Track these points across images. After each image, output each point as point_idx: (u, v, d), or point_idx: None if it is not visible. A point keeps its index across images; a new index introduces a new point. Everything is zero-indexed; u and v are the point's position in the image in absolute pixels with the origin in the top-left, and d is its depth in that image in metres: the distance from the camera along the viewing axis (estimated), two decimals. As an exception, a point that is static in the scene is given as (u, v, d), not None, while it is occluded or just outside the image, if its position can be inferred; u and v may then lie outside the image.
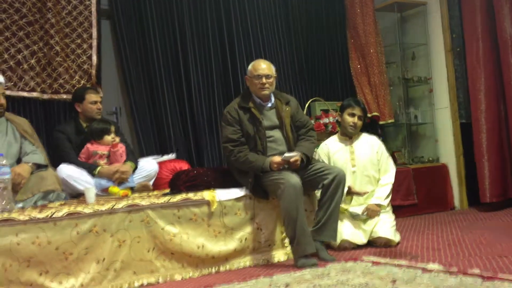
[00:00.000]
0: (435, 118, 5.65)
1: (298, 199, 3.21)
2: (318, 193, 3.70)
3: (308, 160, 3.48)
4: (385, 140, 4.97)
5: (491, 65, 5.15)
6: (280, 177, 3.28)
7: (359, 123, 3.89)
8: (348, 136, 3.96)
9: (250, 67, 3.56)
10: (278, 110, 3.55)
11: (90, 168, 3.65)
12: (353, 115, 3.87)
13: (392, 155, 5.26)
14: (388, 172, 3.92)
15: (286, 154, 3.37)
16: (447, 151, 5.54)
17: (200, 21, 4.87)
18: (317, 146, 4.09)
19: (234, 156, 3.40)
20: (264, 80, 3.46)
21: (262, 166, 3.33)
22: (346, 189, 3.70)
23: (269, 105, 3.56)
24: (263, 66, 3.50)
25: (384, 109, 5.51)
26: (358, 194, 3.78)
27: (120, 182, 3.67)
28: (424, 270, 2.77)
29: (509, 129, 5.07)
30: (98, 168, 3.65)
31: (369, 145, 3.96)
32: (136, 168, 3.83)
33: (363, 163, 3.89)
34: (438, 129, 5.64)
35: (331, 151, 3.94)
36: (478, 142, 5.13)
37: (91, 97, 3.84)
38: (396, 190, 3.98)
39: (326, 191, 3.40)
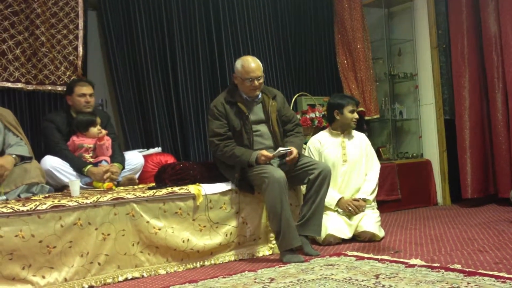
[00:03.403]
0: (420, 114, 5.69)
1: (282, 193, 3.22)
2: (303, 187, 3.73)
3: (298, 155, 3.50)
4: (370, 136, 4.98)
5: (476, 62, 5.20)
6: (265, 171, 3.29)
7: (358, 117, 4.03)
8: (341, 132, 3.99)
9: (239, 67, 3.43)
10: (265, 105, 3.54)
11: (80, 165, 3.60)
12: (353, 111, 3.96)
13: (377, 150, 5.30)
14: (374, 169, 3.99)
15: (281, 149, 3.39)
16: (431, 147, 5.59)
17: (188, 13, 4.84)
18: (307, 140, 4.13)
19: (221, 151, 3.40)
20: (256, 83, 3.42)
21: (248, 161, 3.34)
22: (337, 198, 3.79)
23: (256, 99, 3.56)
24: (254, 68, 3.40)
25: (370, 104, 5.53)
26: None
27: (110, 181, 3.59)
28: (407, 265, 2.81)
29: (491, 126, 5.14)
30: (88, 167, 3.59)
31: (359, 141, 4.03)
32: (123, 168, 3.78)
33: (354, 159, 3.94)
34: (423, 125, 5.69)
35: (323, 146, 3.98)
36: (461, 139, 5.20)
37: (80, 89, 3.76)
38: (380, 185, 4.05)
39: (312, 186, 3.42)
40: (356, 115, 3.98)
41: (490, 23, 5.02)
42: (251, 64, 3.41)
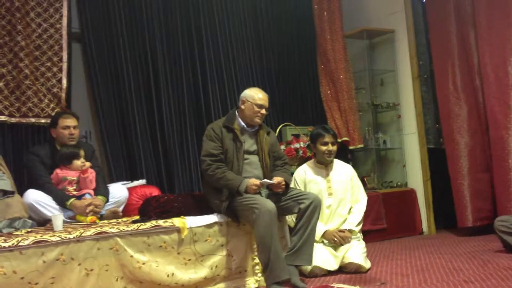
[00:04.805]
0: (403, 143, 5.75)
1: (273, 224, 3.22)
2: (289, 218, 3.73)
3: (287, 187, 3.54)
4: (355, 165, 4.99)
5: (465, 92, 5.15)
6: (255, 202, 3.29)
7: (334, 148, 3.95)
8: (324, 165, 4.00)
9: (252, 93, 3.61)
10: (259, 137, 3.63)
11: (63, 199, 3.56)
12: (325, 143, 3.92)
13: (362, 179, 5.31)
14: (360, 201, 4.01)
15: (266, 180, 3.42)
16: (415, 176, 5.63)
17: (172, 45, 4.88)
18: (293, 171, 4.13)
19: (212, 171, 3.41)
20: (263, 111, 3.58)
21: (238, 187, 3.35)
22: (323, 229, 3.78)
23: (252, 130, 3.62)
24: (265, 99, 3.62)
25: (353, 134, 5.59)
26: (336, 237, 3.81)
27: (93, 215, 3.56)
28: (393, 297, 2.80)
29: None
30: (71, 200, 3.55)
31: (344, 173, 4.04)
32: (107, 201, 3.75)
33: (339, 192, 3.95)
34: (406, 154, 5.74)
35: (307, 178, 3.98)
36: (454, 167, 5.09)
37: (63, 121, 3.75)
38: (366, 214, 4.04)
39: (302, 216, 3.44)
40: (330, 147, 3.90)
41: (473, 51, 5.07)
42: (263, 94, 3.65)
